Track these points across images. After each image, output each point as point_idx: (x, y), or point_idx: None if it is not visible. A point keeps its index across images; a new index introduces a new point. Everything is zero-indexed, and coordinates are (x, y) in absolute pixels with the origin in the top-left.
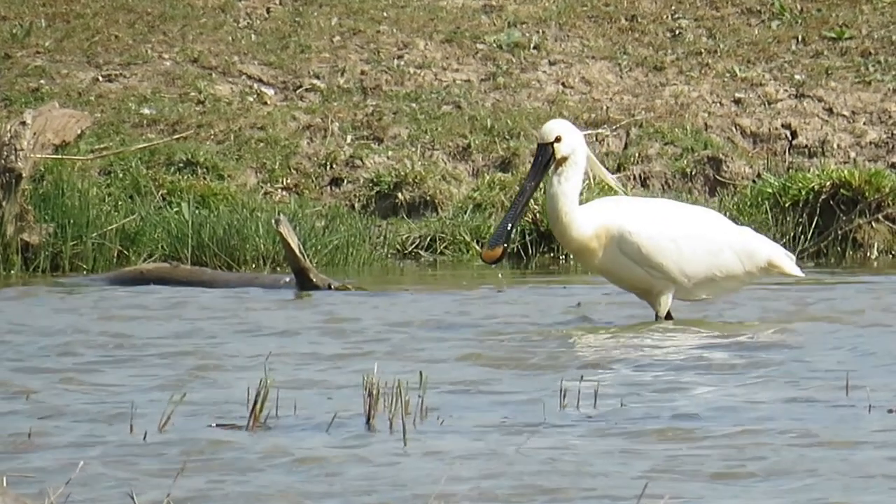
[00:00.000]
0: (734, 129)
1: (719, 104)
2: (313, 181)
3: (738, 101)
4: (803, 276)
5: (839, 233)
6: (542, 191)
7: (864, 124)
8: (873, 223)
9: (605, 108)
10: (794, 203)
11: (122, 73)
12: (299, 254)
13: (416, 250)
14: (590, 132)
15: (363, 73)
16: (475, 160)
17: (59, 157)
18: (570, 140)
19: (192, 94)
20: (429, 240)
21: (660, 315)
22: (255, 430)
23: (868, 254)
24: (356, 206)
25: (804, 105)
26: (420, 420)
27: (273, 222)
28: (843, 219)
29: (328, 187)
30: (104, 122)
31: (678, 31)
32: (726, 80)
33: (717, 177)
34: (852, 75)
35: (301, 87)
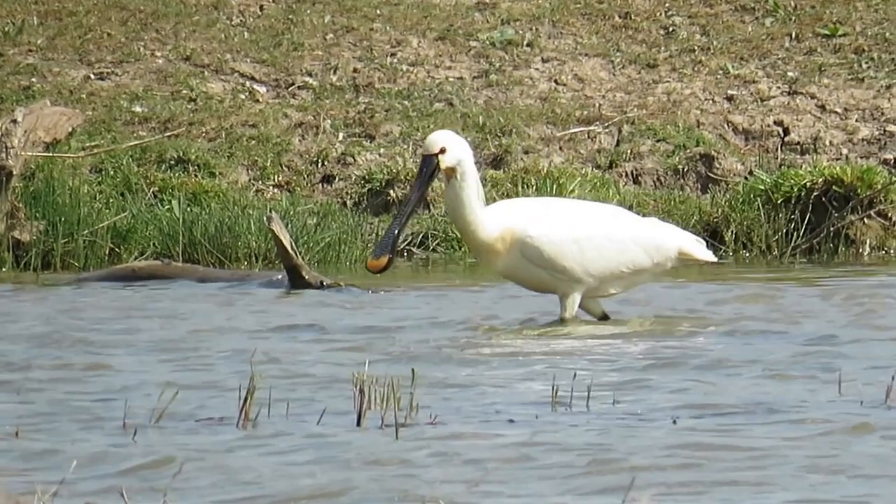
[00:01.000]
0: (726, 125)
1: (712, 101)
2: (305, 178)
3: (730, 99)
4: (715, 259)
5: (831, 229)
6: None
7: (857, 121)
8: (865, 220)
9: (597, 105)
10: (787, 200)
11: (114, 71)
12: (291, 251)
13: (408, 247)
14: (581, 129)
15: (356, 70)
16: None
17: (51, 154)
18: (455, 151)
19: (184, 91)
20: (421, 237)
21: (565, 317)
22: (245, 426)
23: (860, 250)
24: (348, 203)
25: (797, 102)
26: (411, 417)
27: (265, 219)
28: (836, 215)
29: (320, 184)
30: (96, 119)
31: (671, 29)
32: (719, 77)
33: (710, 174)
34: (845, 72)
35: (293, 84)
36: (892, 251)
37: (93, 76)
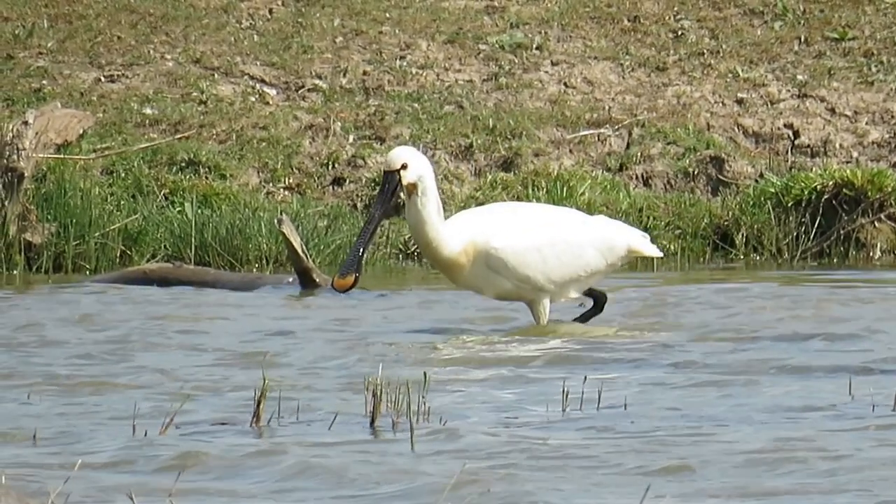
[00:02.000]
0: (736, 129)
1: (722, 104)
2: (315, 181)
3: (740, 102)
4: (661, 254)
5: (842, 233)
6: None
7: (867, 124)
8: (876, 223)
9: (607, 108)
10: (797, 203)
11: (124, 74)
12: (302, 253)
13: (418, 250)
14: (591, 132)
15: (365, 73)
16: (477, 160)
17: (62, 156)
18: (416, 167)
19: (195, 94)
20: None
21: (541, 323)
22: (257, 429)
23: (871, 254)
24: (358, 205)
25: (807, 105)
26: (423, 420)
27: (276, 222)
28: (846, 219)
29: (330, 187)
30: (106, 122)
31: (680, 32)
32: (729, 80)
33: (720, 176)
34: (855, 76)
35: (303, 87)
36: None
37: (103, 78)
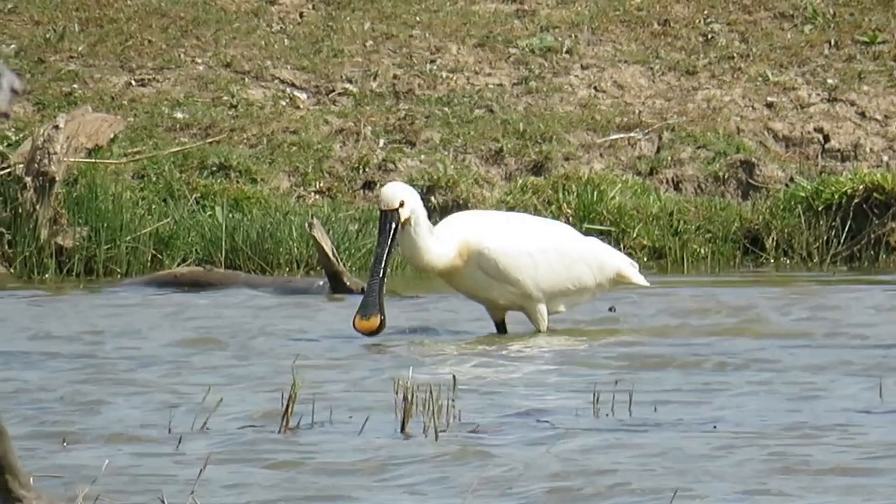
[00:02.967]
0: (766, 132)
1: (752, 108)
2: (346, 185)
3: (770, 105)
4: (648, 285)
5: (872, 237)
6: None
7: None
8: None
9: (637, 111)
10: (827, 207)
11: (155, 78)
12: (333, 257)
13: None
14: (621, 136)
15: (396, 77)
16: (507, 164)
17: (93, 160)
18: (411, 202)
19: (225, 98)
20: None
21: (541, 330)
22: (287, 433)
23: None
24: None
25: (837, 109)
26: (452, 423)
27: (306, 226)
28: (876, 223)
29: (361, 191)
30: (137, 126)
31: (710, 36)
32: (759, 84)
33: (750, 180)
34: (885, 79)
35: (334, 91)
36: None
37: (134, 83)
